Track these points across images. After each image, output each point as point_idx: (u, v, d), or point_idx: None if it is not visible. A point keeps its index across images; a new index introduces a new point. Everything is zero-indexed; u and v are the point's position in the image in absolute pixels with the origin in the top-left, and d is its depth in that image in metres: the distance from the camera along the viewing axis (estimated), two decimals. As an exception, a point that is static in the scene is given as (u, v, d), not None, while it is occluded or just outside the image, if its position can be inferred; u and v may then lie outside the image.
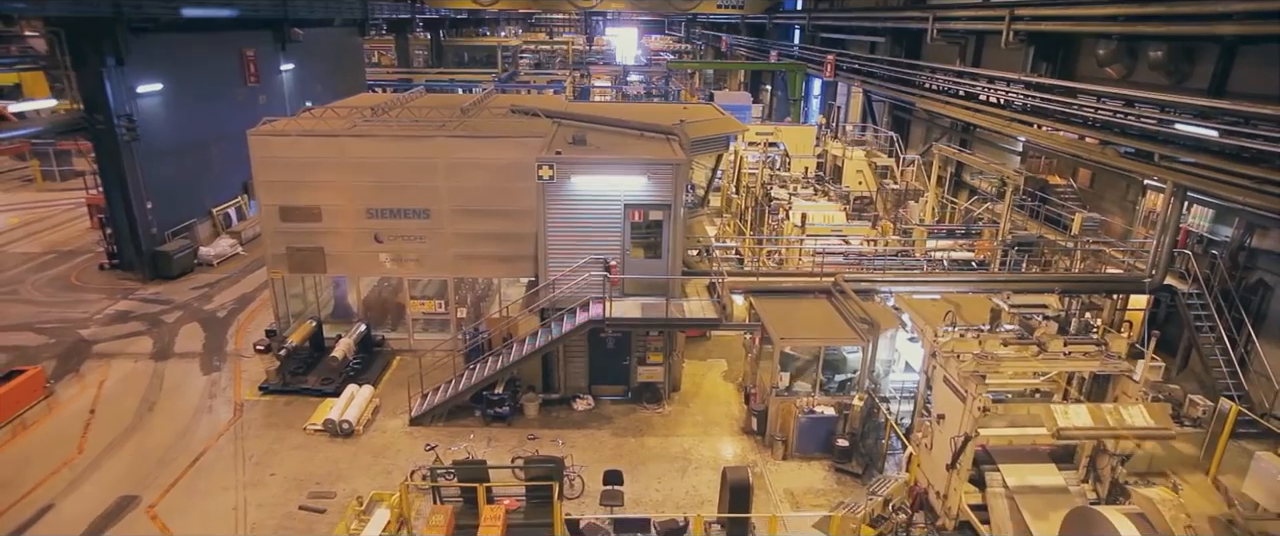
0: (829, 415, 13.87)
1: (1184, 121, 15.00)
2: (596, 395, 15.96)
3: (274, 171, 16.71)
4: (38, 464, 13.58)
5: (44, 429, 14.79)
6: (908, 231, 20.20)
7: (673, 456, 14.15)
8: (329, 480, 13.28)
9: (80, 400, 15.83)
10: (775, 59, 43.89)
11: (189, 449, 14.20)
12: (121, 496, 12.76)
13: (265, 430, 14.85)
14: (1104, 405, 10.86)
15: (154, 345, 18.48)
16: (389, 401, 15.83)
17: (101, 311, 20.32)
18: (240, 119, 27.22)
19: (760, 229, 22.53)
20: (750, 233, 22.67)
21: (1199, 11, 14.67)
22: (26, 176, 35.02)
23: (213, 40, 26.32)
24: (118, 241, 22.78)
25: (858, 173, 25.68)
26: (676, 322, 14.78)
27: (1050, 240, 19.22)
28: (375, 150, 16.61)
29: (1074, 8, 18.90)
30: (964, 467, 11.69)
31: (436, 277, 18.18)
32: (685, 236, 17.24)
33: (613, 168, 14.84)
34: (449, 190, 16.71)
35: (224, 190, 27.28)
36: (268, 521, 12.21)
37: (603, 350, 15.68)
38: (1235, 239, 16.11)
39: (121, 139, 21.29)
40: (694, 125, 18.48)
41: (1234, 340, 15.67)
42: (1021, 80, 21.04)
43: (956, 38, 26.64)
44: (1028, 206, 21.25)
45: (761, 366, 15.16)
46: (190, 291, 21.95)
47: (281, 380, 16.24)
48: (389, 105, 20.38)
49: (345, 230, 17.03)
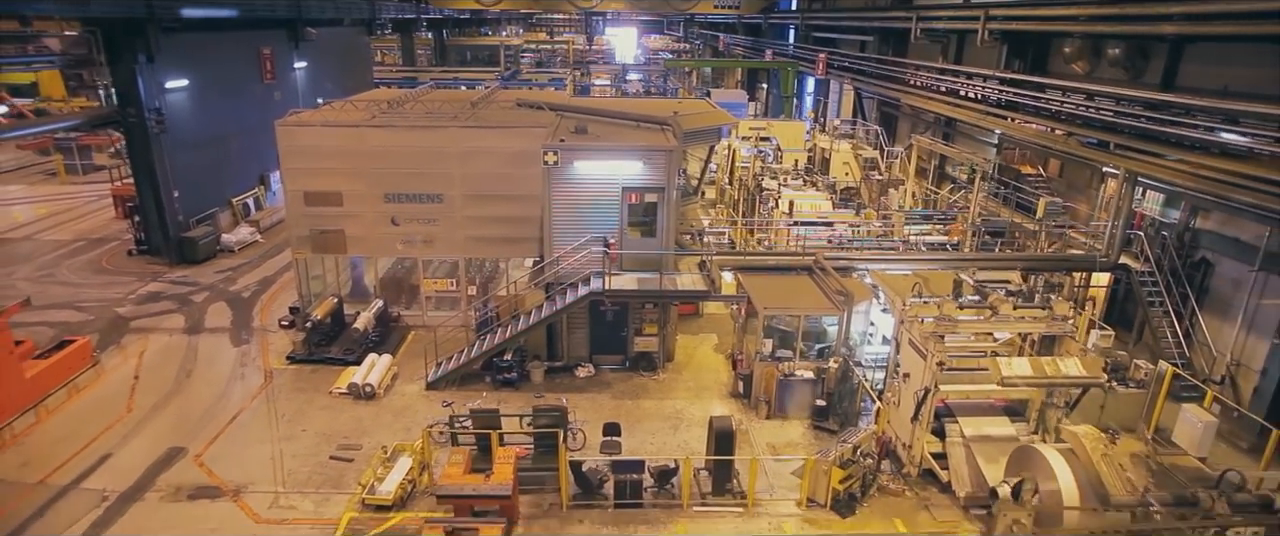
0: (808, 378, 15.31)
1: (1136, 113, 16.45)
2: (597, 364, 17.40)
3: (299, 159, 18.16)
4: (92, 421, 15.02)
5: (94, 392, 16.23)
6: (887, 217, 21.65)
7: (666, 416, 15.59)
8: (354, 435, 14.72)
9: (124, 368, 17.27)
10: (770, 58, 45.33)
11: (226, 409, 15.64)
12: (170, 447, 14.20)
13: (294, 393, 16.29)
14: (1043, 358, 12.30)
15: (186, 321, 19.92)
16: (406, 369, 17.26)
17: (134, 292, 21.75)
18: (257, 114, 28.81)
19: (752, 217, 23.98)
20: (741, 219, 24.07)
21: (1144, 13, 16.11)
22: (50, 170, 36.46)
23: (233, 39, 27.75)
24: (146, 228, 24.21)
25: (844, 164, 27.14)
26: (670, 294, 16.23)
27: (1019, 224, 20.67)
28: (392, 140, 18.06)
29: (1041, 8, 20.33)
30: (925, 419, 13.13)
31: (449, 258, 19.57)
32: (679, 222, 18.66)
33: (611, 154, 16.29)
34: (460, 177, 18.14)
35: (243, 181, 28.70)
36: (302, 469, 13.64)
37: (602, 322, 17.12)
38: (1182, 221, 17.55)
39: (151, 131, 22.70)
40: (687, 117, 19.91)
41: (1180, 313, 17.09)
42: (996, 76, 22.47)
43: (939, 36, 28.05)
44: (1002, 194, 22.73)
45: (747, 335, 16.60)
46: (215, 274, 23.38)
47: (307, 350, 17.67)
48: (403, 99, 21.82)
49: (365, 214, 18.47)
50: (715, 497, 12.85)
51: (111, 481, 13.14)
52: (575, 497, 12.74)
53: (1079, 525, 10.38)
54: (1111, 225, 17.47)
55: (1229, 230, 16.34)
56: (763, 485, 13.17)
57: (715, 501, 12.80)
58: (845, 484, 12.58)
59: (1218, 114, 14.73)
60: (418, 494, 12.85)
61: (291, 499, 12.80)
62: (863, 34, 35.45)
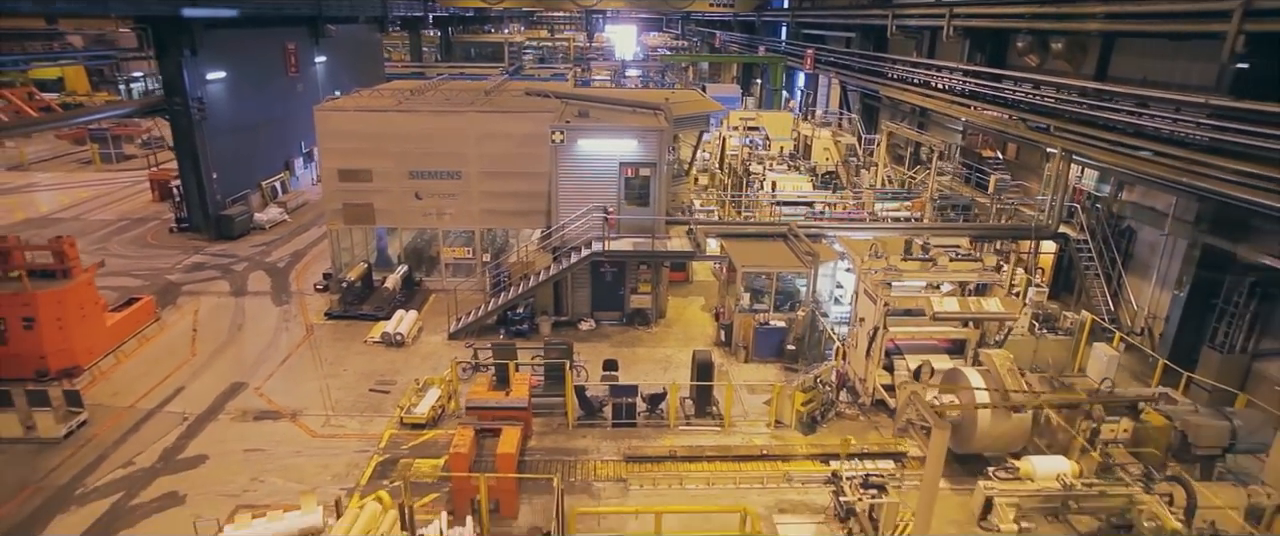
0: (780, 327, 17.70)
1: (1072, 99, 18.83)
2: (597, 319, 19.79)
3: (334, 140, 20.54)
4: (163, 363, 17.43)
5: (160, 342, 18.63)
6: (859, 194, 24.06)
7: (657, 360, 17.98)
8: (388, 374, 17.11)
9: (182, 323, 19.67)
10: (763, 53, 47.68)
11: (276, 354, 18.05)
12: (233, 382, 16.61)
13: (334, 342, 18.69)
14: (969, 298, 14.70)
15: (231, 286, 22.32)
16: (429, 323, 19.65)
17: (181, 263, 24.14)
18: (283, 104, 31.25)
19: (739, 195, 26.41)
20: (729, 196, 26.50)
21: (1074, 12, 18.51)
22: (85, 159, 38.84)
23: (262, 35, 30.14)
24: (188, 207, 26.61)
25: (825, 149, 29.52)
26: (660, 254, 18.64)
27: (977, 201, 23.06)
28: (416, 123, 20.44)
29: (996, 6, 22.70)
30: (877, 355, 15.51)
31: (465, 228, 21.92)
32: (671, 201, 21.03)
33: (610, 134, 18.68)
34: (476, 156, 20.52)
35: (271, 166, 31.10)
36: (346, 398, 16.04)
37: (602, 282, 19.52)
38: (1111, 194, 19.94)
39: (194, 118, 25.08)
40: (678, 104, 22.30)
41: (1109, 276, 19.49)
42: (960, 68, 24.88)
43: (913, 33, 30.45)
44: (965, 175, 25.10)
45: (730, 292, 19.00)
46: (251, 248, 25.77)
47: (342, 308, 20.07)
48: (423, 88, 24.20)
49: (391, 189, 20.85)
50: (697, 419, 15.26)
51: (188, 406, 15.56)
52: (579, 419, 15.14)
53: (990, 424, 12.78)
54: (1052, 198, 19.88)
55: (1147, 201, 18.73)
56: (738, 411, 15.57)
57: (697, 422, 15.21)
58: (807, 406, 14.96)
59: (1132, 99, 17.15)
60: (446, 416, 15.25)
61: (340, 420, 15.20)
62: (847, 31, 37.82)
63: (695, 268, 23.45)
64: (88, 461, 13.62)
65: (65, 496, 12.65)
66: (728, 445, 14.45)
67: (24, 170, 36.67)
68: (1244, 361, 15.76)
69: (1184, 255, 16.92)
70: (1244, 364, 15.78)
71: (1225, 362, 15.72)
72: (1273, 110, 13.25)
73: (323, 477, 13.16)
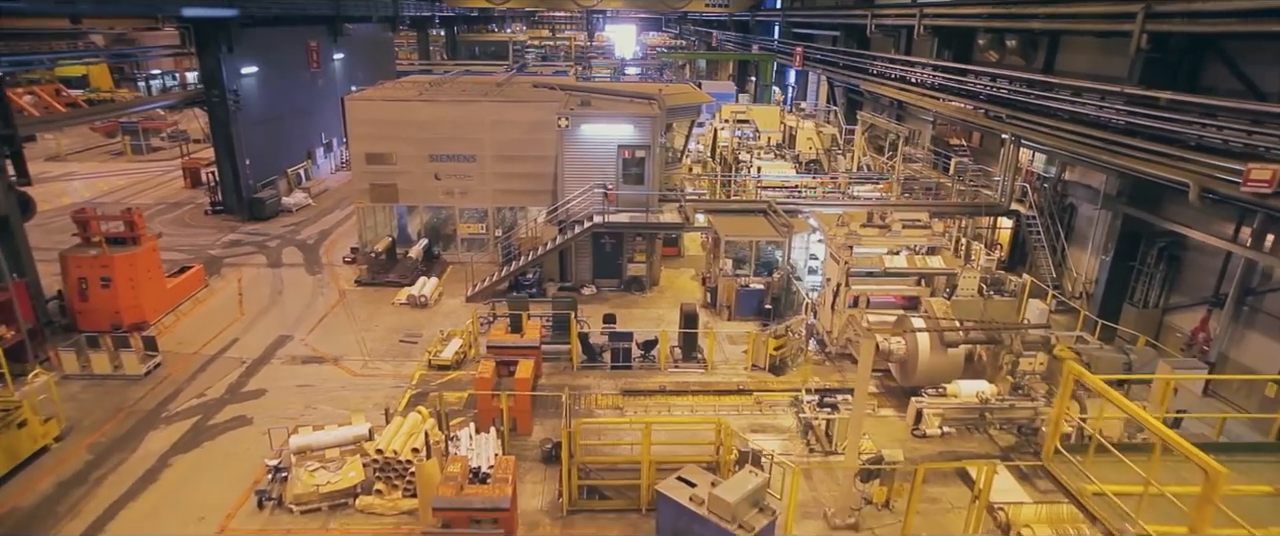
0: (759, 289, 20.12)
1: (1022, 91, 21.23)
2: (598, 285, 22.21)
3: (363, 127, 22.97)
4: (215, 321, 19.85)
5: (211, 304, 21.06)
6: (836, 178, 26.49)
7: (651, 319, 20.38)
8: (415, 329, 19.53)
9: (228, 289, 22.10)
10: (756, 52, 50.08)
11: (314, 313, 20.48)
12: (279, 335, 19.04)
13: (364, 304, 21.12)
14: (917, 256, 17.13)
15: (267, 259, 24.75)
16: (449, 290, 22.07)
17: (219, 240, 26.58)
18: (306, 98, 33.67)
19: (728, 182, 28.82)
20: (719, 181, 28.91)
21: (1019, 12, 20.91)
22: (116, 150, 41.27)
23: (288, 33, 32.56)
24: (223, 190, 29.05)
25: (808, 139, 31.95)
26: (654, 225, 21.08)
27: (942, 182, 25.46)
28: (436, 112, 22.86)
29: (959, 7, 25.11)
30: (841, 309, 17.93)
31: (480, 207, 24.31)
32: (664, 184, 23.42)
33: (609, 119, 21.10)
34: (490, 141, 22.93)
35: (295, 155, 33.53)
36: (380, 347, 18.47)
37: (602, 252, 21.94)
38: (1056, 175, 22.35)
39: (231, 109, 27.51)
40: (670, 96, 24.71)
41: (1055, 248, 21.90)
42: (929, 63, 27.28)
43: (890, 32, 32.85)
44: (934, 161, 27.52)
45: (716, 260, 21.41)
46: (281, 228, 28.21)
47: (371, 276, 22.50)
48: (441, 81, 26.62)
49: (413, 171, 23.27)
50: (684, 361, 17.69)
51: (243, 353, 18.00)
52: (583, 362, 17.57)
53: (928, 360, 15.18)
54: (1004, 178, 22.31)
55: (1085, 180, 21.14)
56: (719, 357, 17.99)
57: (684, 364, 17.64)
58: (779, 351, 17.38)
59: (1068, 90, 19.54)
60: (468, 360, 17.67)
61: (375, 363, 17.63)
62: (832, 30, 40.23)
63: (686, 244, 25.90)
64: (167, 393, 16.06)
65: (153, 419, 15.09)
66: (710, 381, 16.88)
67: (61, 160, 39.09)
68: (1157, 315, 18.19)
69: (1109, 226, 19.31)
70: (1157, 317, 18.21)
71: (1142, 316, 18.15)
72: (1169, 97, 15.67)
73: (365, 406, 15.54)
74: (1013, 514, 11.90)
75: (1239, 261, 15.81)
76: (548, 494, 12.96)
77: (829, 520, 12.36)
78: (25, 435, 13.21)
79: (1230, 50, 16.09)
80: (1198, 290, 17.37)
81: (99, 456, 13.83)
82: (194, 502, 12.60)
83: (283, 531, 11.94)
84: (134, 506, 12.52)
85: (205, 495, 12.79)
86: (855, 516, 12.32)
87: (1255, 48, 15.52)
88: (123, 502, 12.59)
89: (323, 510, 12.36)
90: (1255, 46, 15.50)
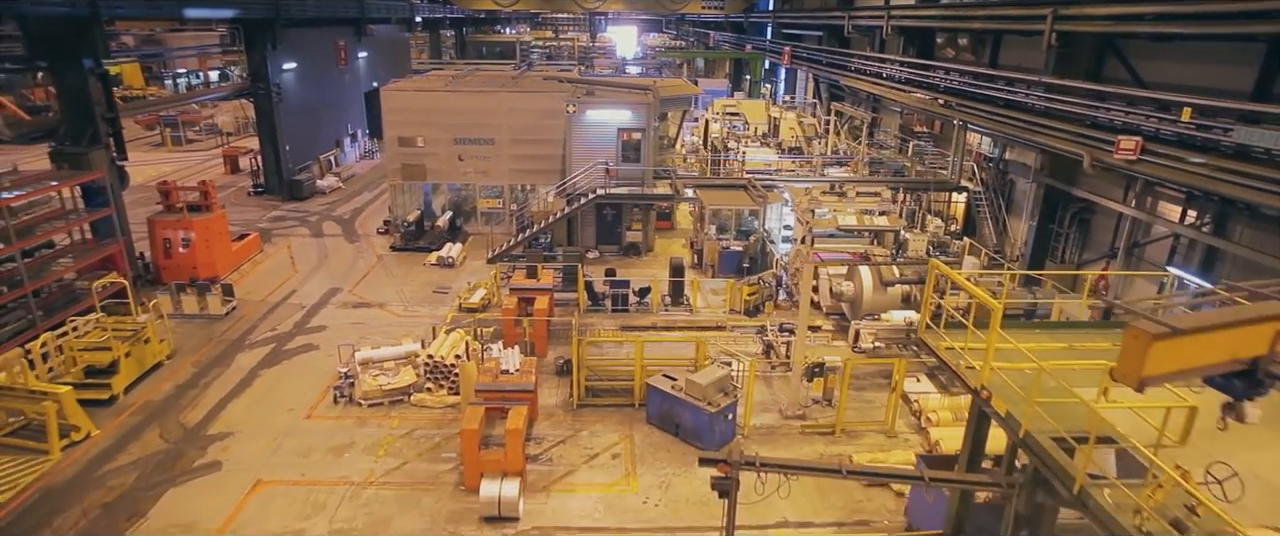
0: (738, 251, 23.51)
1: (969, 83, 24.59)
2: (600, 250, 25.62)
3: (396, 114, 26.37)
4: (273, 277, 23.28)
5: (267, 265, 24.49)
6: (810, 160, 29.90)
7: (646, 277, 23.74)
8: (445, 283, 22.94)
9: (281, 253, 25.54)
10: (749, 51, 53.49)
11: (358, 272, 23.91)
12: (330, 288, 22.48)
13: (399, 266, 24.54)
14: (866, 217, 20.53)
15: (310, 231, 28.19)
16: (471, 254, 25.50)
17: (265, 216, 30.03)
18: (335, 92, 37.11)
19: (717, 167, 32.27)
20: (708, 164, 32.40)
21: (962, 14, 24.32)
22: (154, 142, 44.77)
23: (320, 33, 36.01)
24: (265, 173, 32.51)
25: (790, 129, 35.36)
26: (649, 196, 24.52)
27: (905, 164, 28.87)
28: (460, 101, 26.28)
29: (919, 9, 28.51)
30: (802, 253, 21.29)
31: (497, 184, 27.71)
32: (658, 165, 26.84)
33: (611, 106, 24.52)
34: (507, 126, 26.33)
35: (326, 143, 36.98)
36: (416, 296, 21.89)
37: (604, 221, 25.36)
38: (999, 155, 25.74)
39: (274, 101, 30.96)
40: (664, 88, 28.13)
41: (997, 218, 25.27)
42: (895, 60, 30.65)
43: (865, 32, 36.23)
44: (899, 146, 30.92)
45: (702, 227, 24.82)
46: (318, 206, 31.65)
47: (403, 242, 25.93)
48: (463, 74, 30.05)
49: (440, 153, 26.68)
50: (673, 306, 21.10)
51: (302, 300, 21.44)
52: (588, 307, 20.97)
53: (872, 298, 18.56)
54: (956, 159, 25.71)
55: (1021, 159, 24.51)
56: (702, 303, 21.39)
57: (673, 309, 21.04)
58: (751, 297, 20.76)
59: (1002, 81, 22.91)
60: (491, 306, 21.07)
61: (414, 308, 21.05)
62: (817, 30, 43.63)
63: (678, 218, 29.28)
64: (245, 328, 19.50)
65: (239, 345, 18.52)
66: (694, 320, 20.27)
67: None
68: (1073, 269, 21.55)
69: (1035, 195, 22.66)
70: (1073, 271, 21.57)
71: (1061, 270, 21.51)
72: (1072, 84, 19.04)
73: (409, 338, 18.95)
74: (923, 402, 15.33)
75: (1127, 220, 19.17)
76: (562, 396, 16.37)
77: (783, 412, 15.75)
78: (148, 350, 16.65)
79: (1121, 47, 19.46)
80: (1101, 246, 20.74)
81: (202, 370, 17.27)
82: (283, 400, 16.02)
83: (355, 418, 15.35)
84: (237, 402, 15.95)
85: (291, 395, 16.21)
86: (804, 411, 15.70)
87: (1139, 45, 18.88)
88: (228, 399, 16.02)
89: (384, 404, 15.77)
90: (1140, 44, 18.86)
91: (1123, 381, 5.77)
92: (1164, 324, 5.33)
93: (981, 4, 23.85)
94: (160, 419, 15.18)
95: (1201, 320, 5.58)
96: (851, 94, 39.07)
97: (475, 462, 12.64)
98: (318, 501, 12.72)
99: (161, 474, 13.38)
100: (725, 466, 9.24)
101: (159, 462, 13.71)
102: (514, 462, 12.60)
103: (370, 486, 13.15)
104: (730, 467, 9.20)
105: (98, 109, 20.15)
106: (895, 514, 12.73)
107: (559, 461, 14.01)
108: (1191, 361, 5.59)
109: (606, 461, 14.06)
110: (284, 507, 12.55)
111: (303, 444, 14.40)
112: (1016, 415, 8.66)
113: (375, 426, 15.04)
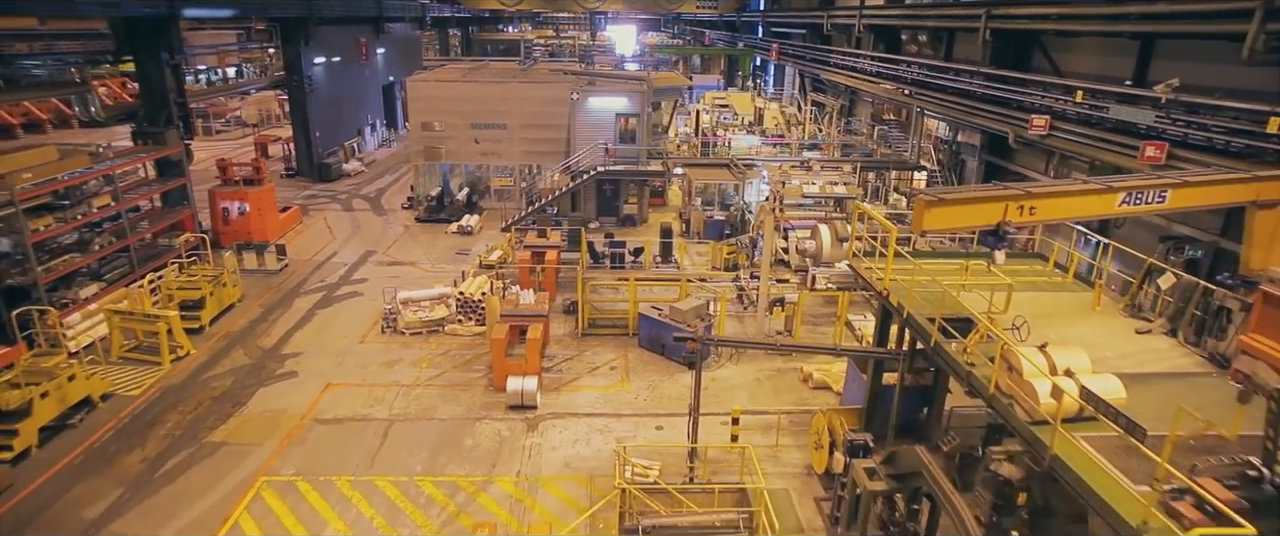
0: (720, 219, 26.93)
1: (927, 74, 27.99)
2: (601, 221, 29.03)
3: (421, 102, 29.79)
4: (315, 242, 26.69)
5: (308, 233, 27.91)
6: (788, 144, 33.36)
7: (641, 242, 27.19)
8: (466, 247, 26.35)
9: (318, 224, 28.96)
10: (741, 47, 56.92)
11: (388, 238, 27.32)
12: (365, 250, 25.90)
13: (424, 234, 27.96)
14: (826, 186, 23.96)
15: (341, 206, 31.61)
16: (487, 225, 28.91)
17: (300, 194, 33.45)
18: (357, 85, 40.52)
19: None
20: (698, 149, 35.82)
21: (919, 13, 27.73)
22: (187, 131, 48.12)
23: (345, 31, 39.44)
24: (297, 157, 35.92)
25: (773, 118, 38.81)
26: (643, 172, 27.95)
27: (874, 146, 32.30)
28: (476, 90, 29.69)
29: (885, 9, 31.93)
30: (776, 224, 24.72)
31: (509, 164, 31.12)
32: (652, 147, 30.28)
33: (609, 94, 27.93)
34: (517, 113, 29.74)
35: (349, 131, 40.39)
36: (442, 257, 25.31)
37: (604, 195, 28.79)
38: (953, 138, 29.17)
39: (306, 92, 34.36)
40: (657, 79, 31.54)
41: (950, 192, 28.65)
42: (866, 55, 34.07)
43: (842, 29, 39.64)
44: (870, 132, 34.35)
45: (690, 199, 28.25)
46: (345, 186, 35.08)
47: (427, 214, 29.34)
48: (477, 67, 33.48)
49: (458, 136, 30.09)
50: (663, 263, 24.51)
51: (343, 259, 24.86)
52: (589, 264, 24.37)
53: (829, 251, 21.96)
54: (916, 141, 29.15)
55: (969, 140, 27.94)
56: (689, 263, 24.81)
57: (663, 266, 24.46)
58: (730, 255, 24.18)
59: (950, 72, 26.31)
60: (507, 264, 24.47)
61: (440, 265, 24.46)
62: (801, 28, 47.06)
63: (670, 196, 32.69)
64: (297, 280, 22.92)
65: (295, 292, 21.94)
66: (680, 274, 23.67)
67: (144, 139, 45.92)
68: (1006, 232, 24.93)
69: (979, 171, 26.07)
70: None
71: (996, 234, 24.89)
72: (1002, 73, 22.45)
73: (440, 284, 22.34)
74: (863, 328, 18.76)
75: (1048, 187, 22.57)
76: (569, 328, 19.81)
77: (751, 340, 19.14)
78: (225, 292, 20.07)
79: (1044, 41, 22.88)
80: (1030, 212, 24.13)
81: (267, 310, 20.69)
82: (339, 330, 19.44)
83: (401, 343, 18.77)
84: (301, 332, 19.36)
85: (344, 327, 19.63)
86: (769, 338, 19.11)
87: (1058, 40, 22.30)
88: (293, 331, 19.43)
89: (423, 333, 19.18)
90: (1058, 39, 22.28)
91: (914, 230, 9.30)
92: (934, 195, 8.77)
93: (935, 4, 27.31)
94: (242, 343, 18.60)
95: (959, 194, 9.06)
96: (831, 87, 42.56)
97: (502, 365, 16.07)
98: (377, 397, 16.14)
99: (251, 378, 16.81)
100: (692, 342, 12.68)
101: (248, 371, 17.14)
102: (532, 366, 16.03)
103: (418, 387, 16.57)
104: (696, 343, 12.64)
105: (171, 95, 23.51)
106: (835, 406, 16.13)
107: (567, 371, 17.45)
108: (956, 222, 9.08)
109: (605, 372, 17.49)
110: (352, 400, 15.96)
111: (360, 360, 17.82)
112: (904, 305, 12.10)
113: (417, 348, 18.47)
